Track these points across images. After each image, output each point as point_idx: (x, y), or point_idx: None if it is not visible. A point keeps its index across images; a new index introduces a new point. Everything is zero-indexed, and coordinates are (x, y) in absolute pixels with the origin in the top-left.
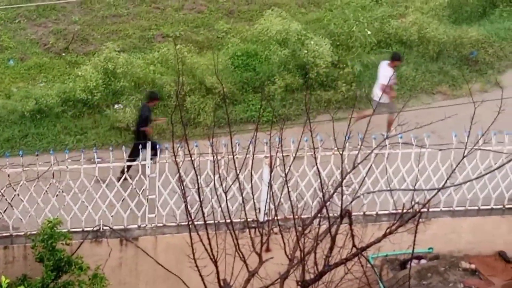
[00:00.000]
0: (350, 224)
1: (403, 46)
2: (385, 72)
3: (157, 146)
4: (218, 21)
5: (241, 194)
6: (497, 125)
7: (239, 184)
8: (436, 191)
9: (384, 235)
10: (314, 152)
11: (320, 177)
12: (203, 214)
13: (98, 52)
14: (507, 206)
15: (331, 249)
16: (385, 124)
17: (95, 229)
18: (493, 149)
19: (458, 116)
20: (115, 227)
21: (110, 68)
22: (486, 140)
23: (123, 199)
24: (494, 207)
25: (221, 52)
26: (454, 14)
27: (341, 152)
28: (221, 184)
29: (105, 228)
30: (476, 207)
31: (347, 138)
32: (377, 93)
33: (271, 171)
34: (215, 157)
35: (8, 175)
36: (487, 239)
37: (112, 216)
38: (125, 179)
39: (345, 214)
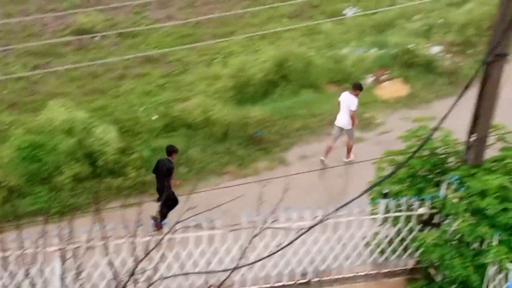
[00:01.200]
0: None
1: (189, 128)
2: (352, 101)
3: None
4: (1, 113)
5: None
6: (285, 202)
7: (30, 279)
8: (229, 272)
9: None
10: (106, 241)
11: (113, 266)
12: None
13: None
14: (299, 282)
15: None
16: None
17: None
18: (282, 226)
19: (248, 195)
20: None
21: None
22: (275, 218)
23: None
24: (287, 283)
25: (5, 144)
26: (238, 95)
27: (133, 240)
28: (11, 281)
29: None
30: (269, 285)
31: (138, 224)
32: (347, 121)
33: (63, 264)
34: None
35: None
36: None
37: None
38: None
39: None
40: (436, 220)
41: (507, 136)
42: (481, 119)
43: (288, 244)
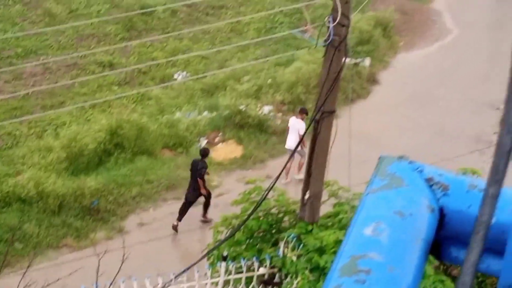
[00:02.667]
0: None
1: (23, 203)
2: (299, 125)
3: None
4: None
5: None
6: (125, 271)
7: None
8: None
9: None
10: None
11: None
12: None
13: None
14: None
15: None
16: None
17: None
18: None
19: (88, 266)
20: None
21: None
22: None
23: None
24: None
25: None
26: (72, 166)
27: None
28: None
29: None
30: None
31: None
32: (293, 144)
33: None
34: None
35: None
36: None
37: None
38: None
39: None
40: (277, 279)
41: (340, 191)
42: (314, 176)
43: None
